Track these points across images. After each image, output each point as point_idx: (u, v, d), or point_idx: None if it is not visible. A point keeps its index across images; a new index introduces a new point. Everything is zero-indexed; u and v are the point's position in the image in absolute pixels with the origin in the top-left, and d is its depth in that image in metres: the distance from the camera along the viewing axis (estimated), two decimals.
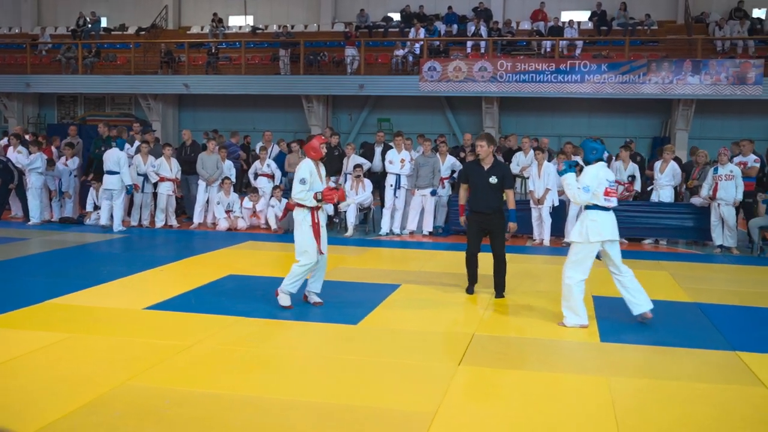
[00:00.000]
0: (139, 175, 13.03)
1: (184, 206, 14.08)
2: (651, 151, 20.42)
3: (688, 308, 7.56)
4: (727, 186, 11.36)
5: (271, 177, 14.07)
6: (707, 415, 4.62)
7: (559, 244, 11.96)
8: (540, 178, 11.87)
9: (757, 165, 12.07)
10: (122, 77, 23.15)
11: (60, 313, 6.87)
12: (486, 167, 7.89)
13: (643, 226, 12.34)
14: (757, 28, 21.72)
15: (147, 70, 23.36)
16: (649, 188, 12.59)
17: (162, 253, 10.69)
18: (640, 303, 6.80)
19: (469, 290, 8.07)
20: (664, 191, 12.25)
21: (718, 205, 11.43)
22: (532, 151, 12.68)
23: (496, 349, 5.97)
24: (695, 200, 12.07)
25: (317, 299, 7.42)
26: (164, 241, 11.89)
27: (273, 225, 12.98)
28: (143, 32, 25.39)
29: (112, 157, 12.47)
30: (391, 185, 12.76)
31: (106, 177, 12.56)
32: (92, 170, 13.95)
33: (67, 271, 9.13)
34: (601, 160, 6.83)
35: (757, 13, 22.63)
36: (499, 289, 7.92)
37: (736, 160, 11.95)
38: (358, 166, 13.00)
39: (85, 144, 16.13)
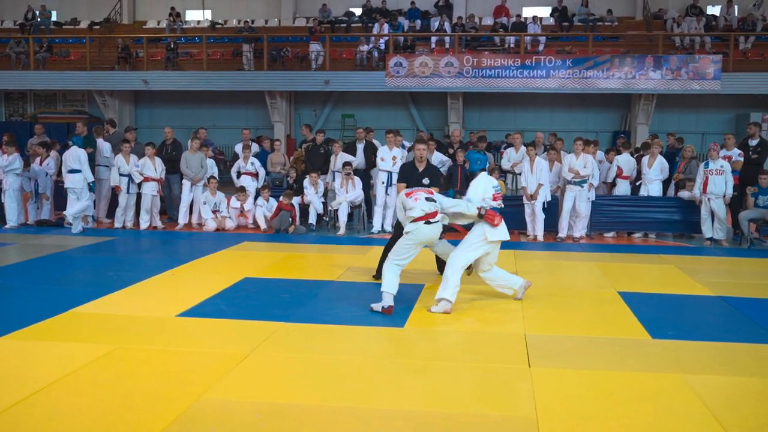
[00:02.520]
0: (121, 175, 12.60)
1: (165, 206, 13.68)
2: (611, 144, 20.83)
3: (715, 302, 7.70)
4: (717, 180, 11.65)
5: (255, 175, 13.81)
6: None
7: (552, 240, 12.08)
8: (532, 173, 11.94)
9: (741, 159, 12.40)
10: (77, 73, 22.40)
11: (91, 322, 6.57)
12: (420, 169, 8.29)
13: (632, 220, 12.56)
14: (712, 24, 22.38)
15: (103, 66, 22.66)
16: (637, 183, 12.79)
17: (161, 256, 10.34)
18: (514, 281, 7.53)
19: (378, 276, 8.11)
20: (652, 186, 12.48)
21: (709, 199, 11.71)
22: (523, 147, 12.76)
23: (556, 348, 5.96)
24: (683, 194, 12.33)
25: None
26: (157, 244, 11.52)
27: (262, 225, 12.72)
28: (97, 27, 24.60)
29: (73, 155, 12.07)
30: (383, 183, 12.65)
31: (68, 176, 12.15)
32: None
33: (73, 278, 8.78)
34: (484, 170, 7.21)
35: (712, 10, 23.31)
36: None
37: (721, 154, 12.23)
38: (347, 163, 12.85)
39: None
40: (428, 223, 7.16)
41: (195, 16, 25.40)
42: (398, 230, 8.00)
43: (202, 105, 23.61)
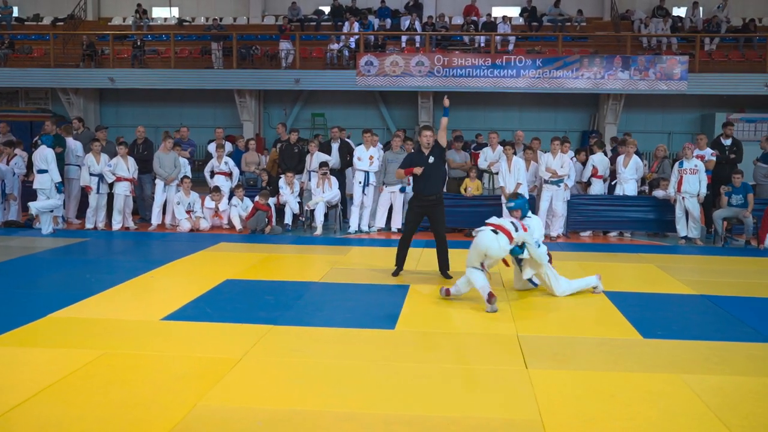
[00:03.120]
0: (92, 175, 12.32)
1: (137, 207, 13.42)
2: (580, 144, 20.99)
3: (699, 301, 7.76)
4: (691, 180, 11.78)
5: (229, 175, 13.62)
6: None
7: None
8: (510, 172, 11.94)
9: (714, 159, 12.56)
10: (40, 70, 21.85)
11: (73, 328, 6.38)
12: (426, 152, 8.63)
13: (608, 219, 12.65)
14: (679, 26, 22.69)
15: (67, 63, 22.15)
16: (613, 182, 12.88)
17: (138, 258, 10.11)
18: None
19: (396, 273, 8.72)
20: (628, 185, 12.57)
21: (683, 198, 11.84)
22: (499, 147, 12.76)
23: (550, 349, 5.93)
24: (658, 193, 12.45)
25: None
26: (132, 245, 11.28)
27: (237, 225, 12.55)
28: (60, 23, 24.08)
29: (41, 155, 11.80)
30: (360, 182, 12.58)
31: (37, 176, 11.88)
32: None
33: (47, 281, 8.51)
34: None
35: (678, 11, 23.63)
36: (444, 269, 8.71)
37: (694, 153, 12.37)
38: (324, 163, 12.73)
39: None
40: (494, 232, 7.22)
41: (162, 13, 25.02)
42: (408, 217, 8.67)
43: (169, 103, 23.26)
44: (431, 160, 8.55)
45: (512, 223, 7.44)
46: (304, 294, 7.76)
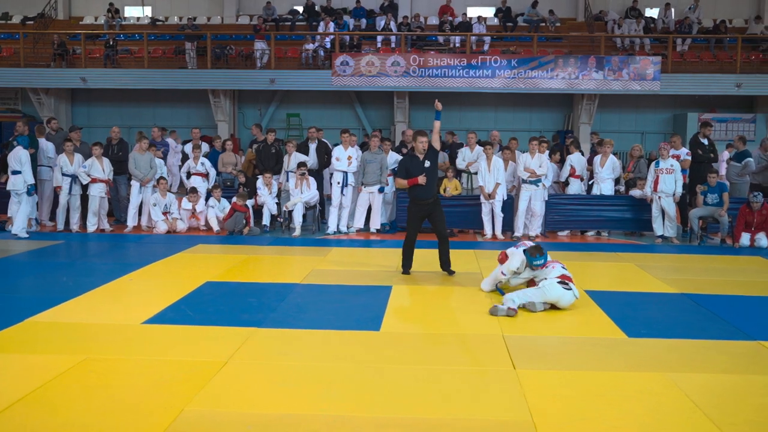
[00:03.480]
0: (64, 175, 12.13)
1: (112, 208, 13.23)
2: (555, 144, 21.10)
3: (679, 299, 7.81)
4: (667, 179, 11.89)
5: (205, 176, 13.50)
6: None
7: (509, 239, 12.13)
8: (490, 172, 11.97)
9: (689, 158, 12.68)
10: (10, 70, 21.52)
11: (53, 332, 6.25)
12: (421, 157, 8.76)
13: (586, 218, 12.72)
14: (651, 26, 22.92)
15: (38, 63, 21.83)
16: (590, 182, 12.96)
17: (115, 260, 9.98)
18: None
19: (406, 272, 8.87)
20: (605, 185, 12.66)
21: (659, 197, 11.94)
22: (478, 147, 12.79)
23: (537, 349, 5.94)
24: (634, 192, 12.55)
25: None
26: (108, 248, 11.12)
27: (215, 227, 12.44)
28: (30, 22, 23.70)
29: (15, 156, 11.62)
30: (338, 183, 12.52)
31: (11, 178, 11.69)
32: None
33: (24, 285, 8.39)
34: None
35: (650, 12, 23.87)
36: (446, 266, 8.86)
37: (670, 153, 12.46)
38: (302, 164, 12.65)
39: None
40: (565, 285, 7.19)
41: (134, 12, 24.74)
42: (410, 223, 8.83)
43: (142, 103, 23.01)
44: (427, 164, 8.69)
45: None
46: (287, 296, 7.68)
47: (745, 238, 11.41)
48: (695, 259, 10.64)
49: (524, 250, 7.58)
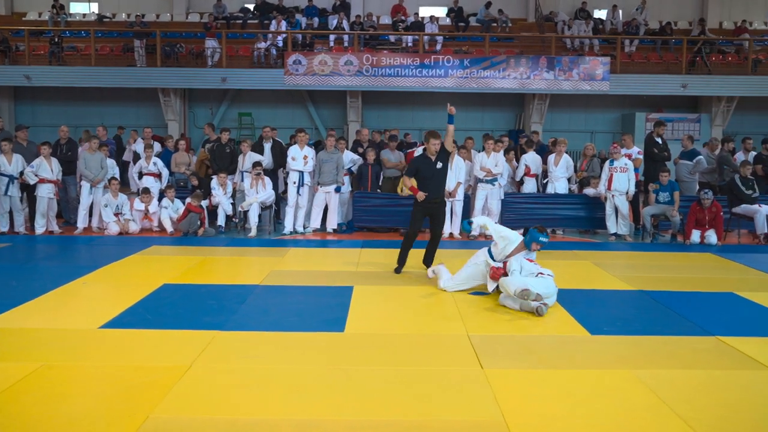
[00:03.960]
0: (2, 175, 11.72)
1: (61, 210, 12.87)
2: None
3: (637, 296, 7.93)
4: (621, 178, 12.08)
5: (158, 176, 13.24)
6: (753, 402, 4.87)
7: (467, 238, 12.18)
8: (452, 170, 11.99)
9: (641, 157, 12.90)
10: None
11: (6, 339, 6.03)
12: (433, 158, 8.86)
13: (541, 217, 12.79)
14: (600, 28, 23.28)
15: None
16: (544, 181, 13.09)
17: (66, 263, 9.69)
18: None
19: (398, 270, 8.98)
20: (559, 183, 12.80)
21: (613, 195, 12.13)
22: None
23: (503, 348, 5.95)
24: (588, 191, 12.72)
25: None
26: (58, 250, 10.81)
27: (168, 227, 12.19)
28: None
29: None
30: (294, 182, 12.39)
31: None
32: None
33: None
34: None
35: (599, 13, 24.26)
36: (429, 261, 9.06)
37: (623, 152, 12.65)
38: (257, 163, 12.50)
39: None
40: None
41: (80, 8, 24.15)
42: (414, 220, 8.97)
43: (89, 102, 22.45)
44: (439, 165, 8.83)
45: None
46: (248, 297, 7.57)
47: (695, 236, 11.65)
48: (648, 256, 10.84)
49: (532, 228, 7.73)
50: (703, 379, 5.25)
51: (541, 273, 7.36)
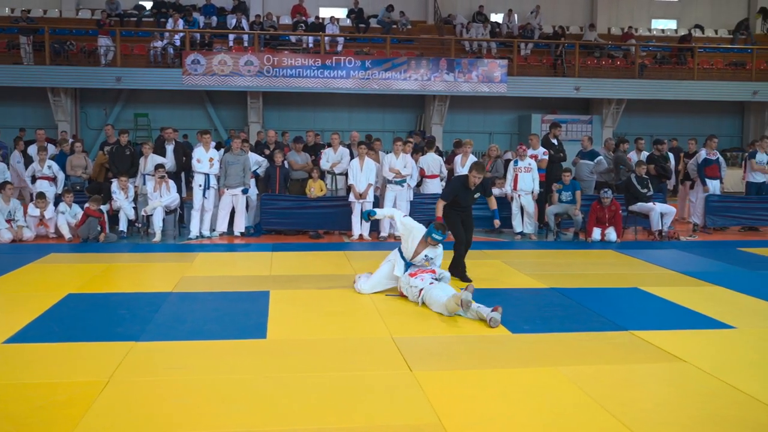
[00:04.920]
0: None
1: None
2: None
3: (551, 294, 8.12)
4: (526, 178, 12.39)
5: (53, 180, 12.62)
6: (675, 394, 5.05)
7: (376, 239, 12.19)
8: (362, 171, 11.97)
9: (546, 157, 13.24)
10: None
11: None
12: (472, 188, 9.08)
13: None
14: (497, 31, 23.84)
15: None
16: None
17: None
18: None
19: (468, 279, 8.78)
20: None
21: (519, 195, 12.42)
22: (342, 148, 12.77)
23: (428, 350, 5.96)
24: (494, 191, 12.94)
25: None
26: None
27: (66, 234, 11.63)
28: None
29: None
30: (200, 185, 12.06)
31: None
32: None
33: None
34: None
35: (495, 17, 24.83)
36: (462, 271, 9.02)
37: (528, 153, 12.97)
38: (160, 166, 12.10)
39: None
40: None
41: None
42: (455, 227, 9.06)
43: None
44: (477, 195, 9.18)
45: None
46: (161, 306, 7.29)
47: (596, 233, 12.07)
48: (554, 254, 11.15)
49: (431, 224, 7.91)
50: (624, 374, 5.41)
51: (436, 279, 7.62)
